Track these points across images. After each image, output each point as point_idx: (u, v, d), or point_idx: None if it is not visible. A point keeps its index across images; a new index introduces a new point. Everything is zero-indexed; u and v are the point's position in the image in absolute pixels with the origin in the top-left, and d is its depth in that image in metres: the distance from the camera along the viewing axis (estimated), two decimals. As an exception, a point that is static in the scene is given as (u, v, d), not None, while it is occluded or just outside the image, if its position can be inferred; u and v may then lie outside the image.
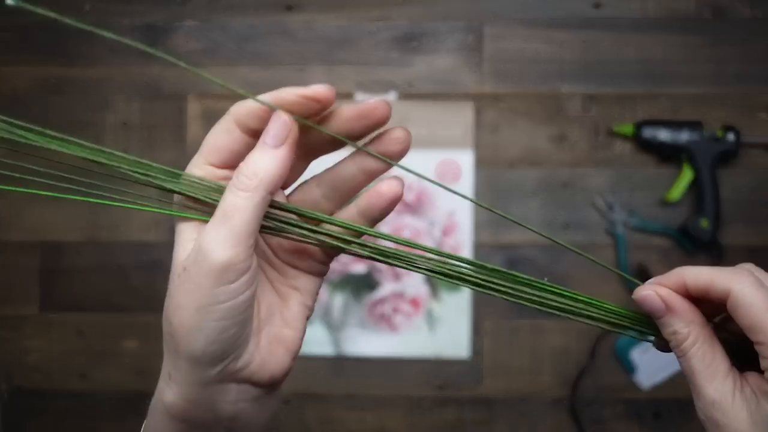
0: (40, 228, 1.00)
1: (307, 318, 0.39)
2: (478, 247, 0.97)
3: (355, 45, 1.00)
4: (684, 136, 0.93)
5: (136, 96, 1.01)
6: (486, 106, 0.98)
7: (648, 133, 0.94)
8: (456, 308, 0.96)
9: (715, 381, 0.36)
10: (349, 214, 0.38)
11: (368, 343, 0.96)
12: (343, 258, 0.97)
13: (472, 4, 0.99)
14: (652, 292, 0.37)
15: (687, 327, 0.37)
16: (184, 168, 0.37)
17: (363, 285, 0.97)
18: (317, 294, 0.40)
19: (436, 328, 0.96)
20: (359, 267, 0.97)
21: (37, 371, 0.99)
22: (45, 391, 0.98)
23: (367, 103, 0.36)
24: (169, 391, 0.35)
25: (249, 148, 0.35)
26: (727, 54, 0.97)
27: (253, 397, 0.37)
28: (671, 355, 0.38)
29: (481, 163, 0.98)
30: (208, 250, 0.33)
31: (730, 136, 0.93)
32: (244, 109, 0.35)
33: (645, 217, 0.96)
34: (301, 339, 0.38)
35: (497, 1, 0.99)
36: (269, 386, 0.37)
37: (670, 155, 0.95)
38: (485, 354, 0.96)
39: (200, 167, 0.36)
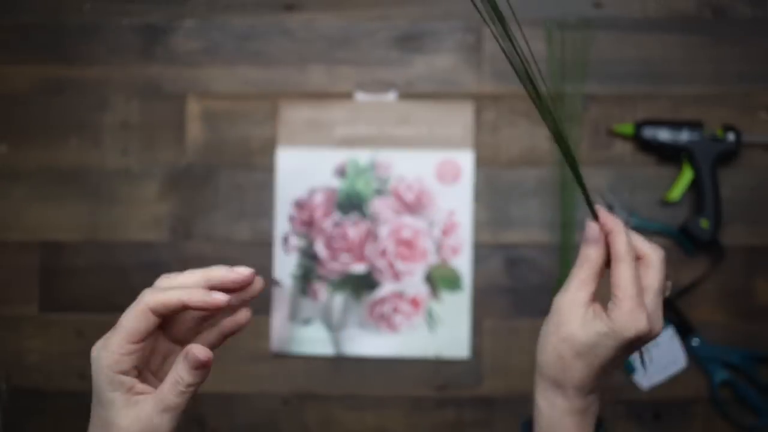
0: (40, 228, 1.00)
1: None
2: (478, 246, 0.97)
3: (355, 45, 1.00)
4: (684, 136, 0.93)
5: (136, 96, 1.01)
6: (486, 106, 0.98)
7: (648, 133, 0.94)
8: (456, 308, 0.95)
9: (588, 289, 0.55)
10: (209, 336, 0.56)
11: (368, 343, 0.96)
12: (343, 258, 0.97)
13: (472, 4, 0.99)
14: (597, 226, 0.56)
15: (602, 249, 0.56)
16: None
17: (363, 285, 0.97)
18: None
19: (436, 328, 0.96)
20: (359, 267, 0.97)
21: (36, 371, 0.99)
22: (45, 391, 0.98)
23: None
24: None
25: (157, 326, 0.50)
26: (727, 54, 0.97)
27: None
28: (671, 355, 0.41)
29: (481, 163, 0.98)
30: None
31: (731, 136, 0.93)
32: (157, 301, 0.49)
33: (645, 217, 0.96)
34: None
35: (497, 1, 0.99)
36: None
37: (670, 155, 0.95)
38: (485, 354, 0.96)
39: (122, 346, 0.49)
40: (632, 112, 0.97)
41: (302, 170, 0.98)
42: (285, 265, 0.97)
